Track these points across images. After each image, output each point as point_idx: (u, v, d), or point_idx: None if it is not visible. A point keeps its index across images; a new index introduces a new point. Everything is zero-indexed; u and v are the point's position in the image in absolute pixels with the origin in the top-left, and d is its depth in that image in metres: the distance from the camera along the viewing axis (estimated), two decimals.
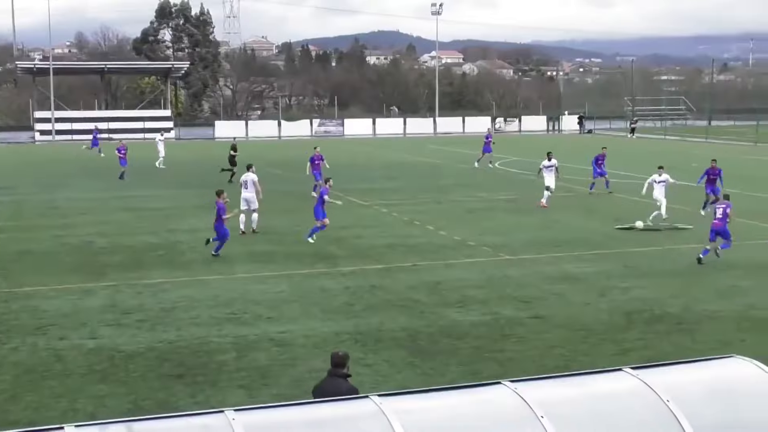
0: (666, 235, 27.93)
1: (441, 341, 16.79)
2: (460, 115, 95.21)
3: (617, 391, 7.80)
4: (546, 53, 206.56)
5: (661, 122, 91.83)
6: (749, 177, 44.27)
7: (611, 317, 18.57)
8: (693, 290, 20.88)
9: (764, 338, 17.08)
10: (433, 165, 52.57)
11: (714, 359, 8.70)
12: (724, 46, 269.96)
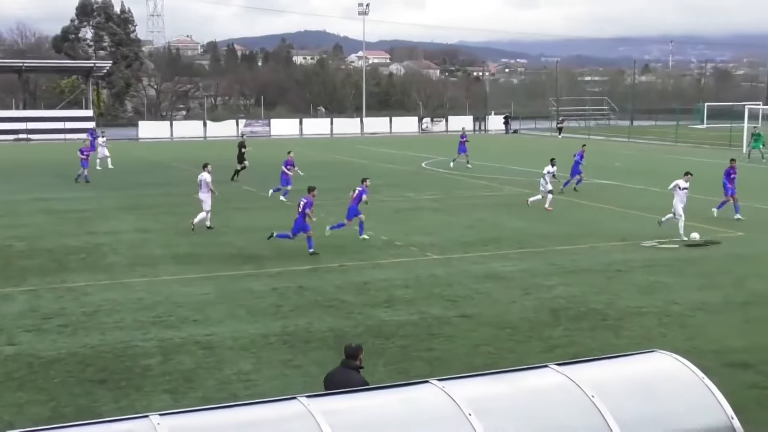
0: (591, 233, 28.32)
1: (368, 341, 16.76)
2: (387, 115, 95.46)
3: (543, 388, 7.87)
4: (472, 54, 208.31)
5: (585, 122, 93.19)
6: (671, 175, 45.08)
7: (537, 315, 18.78)
8: (616, 287, 21.23)
9: (684, 332, 17.46)
10: (360, 165, 52.54)
11: (637, 354, 8.86)
12: (645, 48, 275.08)
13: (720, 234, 28.22)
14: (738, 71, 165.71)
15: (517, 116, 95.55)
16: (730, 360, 15.66)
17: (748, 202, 35.27)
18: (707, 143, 68.73)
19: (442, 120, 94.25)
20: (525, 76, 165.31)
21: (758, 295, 20.44)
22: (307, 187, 26.45)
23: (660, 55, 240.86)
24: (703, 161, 54.10)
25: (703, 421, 7.82)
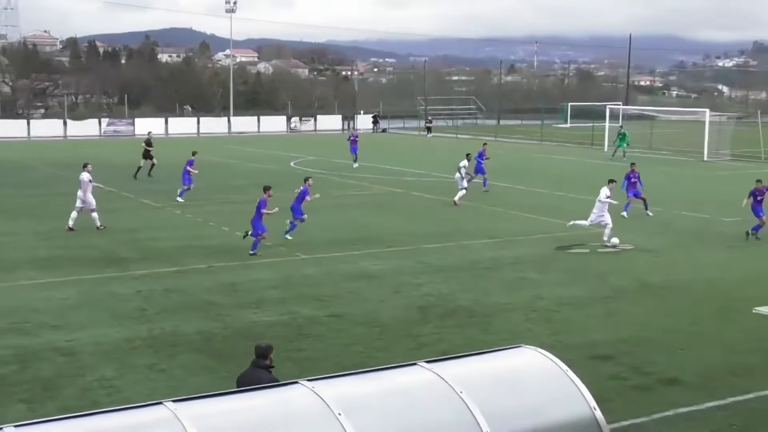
0: (459, 231, 28.73)
1: (238, 343, 16.61)
2: (256, 114, 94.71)
3: (413, 385, 7.94)
4: (341, 53, 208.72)
5: (453, 121, 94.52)
6: (536, 173, 46.24)
7: (406, 313, 18.95)
8: (483, 284, 21.61)
9: (550, 327, 17.91)
10: (227, 165, 51.97)
11: (504, 350, 9.03)
12: (511, 48, 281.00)
13: (585, 231, 28.99)
14: (599, 72, 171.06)
15: (386, 115, 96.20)
16: (593, 353, 16.14)
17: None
18: (571, 142, 70.64)
19: (310, 119, 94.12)
20: (393, 76, 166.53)
21: (619, 290, 21.13)
22: (263, 186, 26.36)
23: (525, 56, 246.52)
24: (568, 159, 55.61)
25: (567, 412, 8.03)
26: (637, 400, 13.85)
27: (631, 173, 34.14)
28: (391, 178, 44.42)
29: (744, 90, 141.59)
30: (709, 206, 34.07)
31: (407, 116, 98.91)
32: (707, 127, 57.86)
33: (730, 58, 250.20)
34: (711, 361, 15.79)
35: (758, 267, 23.89)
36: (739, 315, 18.09)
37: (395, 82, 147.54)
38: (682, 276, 22.68)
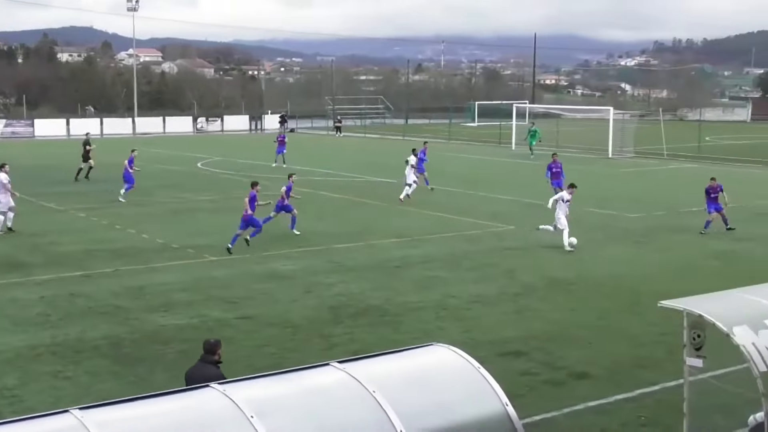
0: (370, 231, 28.78)
1: (146, 347, 16.39)
2: (161, 114, 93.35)
3: (325, 386, 7.93)
4: (247, 52, 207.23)
5: (362, 121, 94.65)
6: (445, 172, 46.56)
7: (318, 313, 18.91)
8: (395, 283, 21.69)
9: (461, 325, 18.08)
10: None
11: (416, 348, 9.07)
12: (418, 47, 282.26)
13: (491, 228, 29.35)
14: (506, 71, 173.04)
15: (294, 115, 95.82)
16: (504, 349, 16.34)
17: (518, 196, 36.96)
18: (479, 140, 71.35)
19: (217, 119, 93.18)
20: (301, 75, 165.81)
21: (528, 286, 21.43)
22: (251, 182, 27.40)
23: (433, 55, 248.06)
24: (477, 158, 56.16)
25: (480, 408, 8.11)
26: (548, 395, 14.07)
27: (553, 164, 34.95)
28: (300, 178, 44.14)
29: (646, 88, 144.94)
30: (615, 203, 34.77)
31: (315, 116, 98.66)
32: (611, 125, 59.07)
33: (632, 58, 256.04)
34: (619, 355, 16.12)
35: (663, 261, 24.47)
36: (645, 309, 18.46)
37: (303, 81, 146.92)
38: (590, 272, 23.12)
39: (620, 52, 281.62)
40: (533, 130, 58.06)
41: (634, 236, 28.14)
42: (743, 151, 59.57)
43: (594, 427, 12.90)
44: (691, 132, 65.14)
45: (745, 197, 34.06)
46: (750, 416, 10.80)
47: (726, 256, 25.21)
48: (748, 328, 10.22)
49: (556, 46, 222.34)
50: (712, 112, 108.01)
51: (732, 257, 25.05)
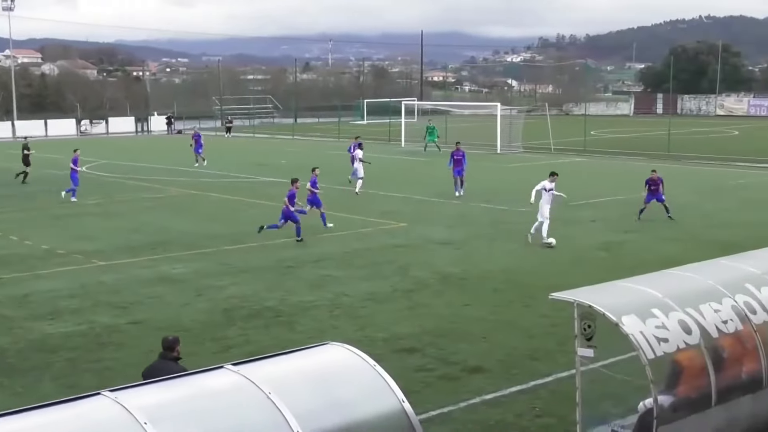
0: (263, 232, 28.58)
1: (32, 357, 15.95)
2: (42, 117, 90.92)
3: (220, 389, 7.87)
4: (131, 53, 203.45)
5: (250, 121, 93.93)
6: (335, 170, 46.57)
7: (211, 316, 18.70)
8: (288, 283, 21.60)
9: (355, 323, 18.11)
10: (10, 170, 49.67)
11: (311, 348, 9.06)
12: (306, 46, 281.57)
13: (383, 226, 29.48)
14: (394, 69, 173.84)
15: (181, 116, 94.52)
16: (399, 346, 16.43)
17: (409, 194, 37.19)
18: (368, 138, 71.51)
19: (102, 122, 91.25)
20: (187, 76, 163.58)
21: (420, 282, 21.59)
22: (291, 179, 28.04)
23: (320, 54, 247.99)
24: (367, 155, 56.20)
25: (377, 406, 8.15)
26: (443, 390, 14.20)
27: (455, 152, 35.86)
28: (189, 180, 43.71)
29: (532, 84, 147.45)
30: (505, 197, 35.27)
31: (203, 117, 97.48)
32: (499, 121, 59.90)
33: (518, 54, 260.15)
34: (512, 348, 16.38)
35: (553, 254, 24.94)
36: (537, 301, 18.80)
37: (189, 82, 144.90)
38: (481, 266, 23.42)
39: (506, 49, 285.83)
40: (431, 127, 58.55)
41: (524, 230, 28.58)
42: (626, 144, 61.18)
43: (489, 420, 13.07)
44: (576, 126, 66.59)
45: (628, 189, 34.93)
46: (640, 403, 11.09)
47: (613, 247, 25.84)
48: (636, 317, 10.50)
49: (443, 43, 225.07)
50: (596, 107, 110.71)
51: (619, 248, 25.68)
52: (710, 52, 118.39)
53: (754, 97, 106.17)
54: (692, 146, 57.77)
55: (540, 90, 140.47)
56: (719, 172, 32.81)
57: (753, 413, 11.15)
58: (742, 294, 11.45)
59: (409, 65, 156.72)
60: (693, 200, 33.61)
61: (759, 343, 11.12)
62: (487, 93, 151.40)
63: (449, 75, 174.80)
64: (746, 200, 34.27)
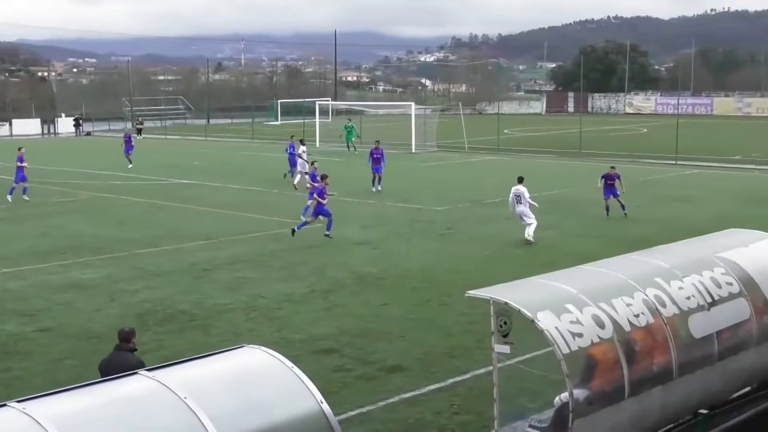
0: (174, 234, 28.25)
1: None
2: None
3: (134, 395, 7.75)
4: (35, 52, 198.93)
5: (162, 122, 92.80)
6: (249, 171, 46.32)
7: (123, 321, 18.33)
8: (203, 286, 21.39)
9: (272, 325, 18.03)
10: None
11: (227, 351, 8.99)
12: (217, 46, 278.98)
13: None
14: (307, 69, 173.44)
15: (90, 118, 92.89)
16: (317, 347, 16.40)
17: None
18: (283, 139, 71.18)
19: (5, 124, 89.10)
20: (95, 76, 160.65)
21: (337, 282, 21.59)
22: (321, 175, 28.46)
23: (232, 54, 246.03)
24: (281, 156, 56.00)
25: (295, 407, 8.12)
26: (362, 390, 14.22)
27: (374, 150, 38.07)
28: (99, 183, 42.95)
29: (446, 83, 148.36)
30: (420, 196, 35.48)
31: (113, 118, 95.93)
32: (413, 120, 60.21)
33: (431, 53, 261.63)
34: (430, 346, 16.47)
35: (469, 252, 25.16)
36: (454, 300, 18.94)
37: (97, 82, 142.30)
38: (398, 266, 23.50)
39: (419, 48, 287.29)
40: (349, 127, 58.58)
41: (440, 229, 28.81)
42: (539, 143, 62.07)
43: (409, 419, 13.13)
44: (490, 125, 67.24)
45: (540, 186, 35.42)
46: (556, 397, 11.25)
47: (528, 245, 26.15)
48: (550, 312, 10.64)
49: (356, 43, 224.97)
50: (509, 106, 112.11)
51: (533, 245, 26.01)
52: (619, 51, 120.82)
53: (661, 95, 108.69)
54: (603, 144, 58.85)
55: (453, 89, 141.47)
56: (629, 169, 33.54)
57: (664, 404, 11.39)
58: (653, 288, 11.69)
59: (323, 65, 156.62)
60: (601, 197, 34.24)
61: (669, 335, 11.36)
62: (401, 93, 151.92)
63: (363, 75, 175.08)
64: (656, 196, 35.06)
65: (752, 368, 12.78)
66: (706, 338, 11.87)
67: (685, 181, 41.03)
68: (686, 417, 12.05)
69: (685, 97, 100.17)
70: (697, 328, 11.77)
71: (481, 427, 12.59)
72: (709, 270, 12.54)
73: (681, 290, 11.89)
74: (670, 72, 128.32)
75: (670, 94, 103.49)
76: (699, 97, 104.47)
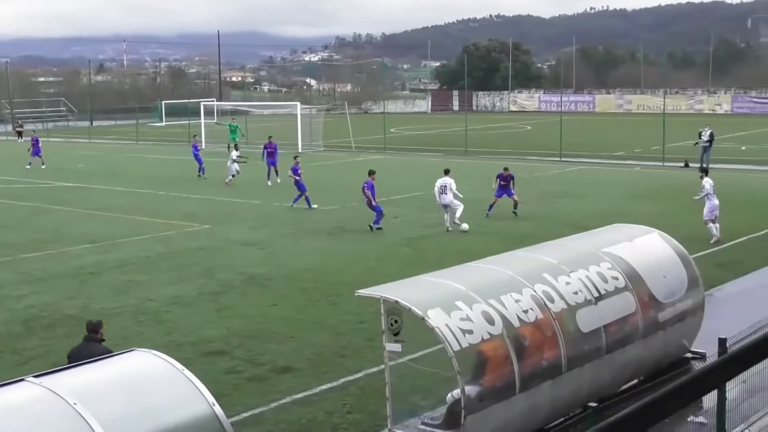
0: (59, 238, 27.57)
1: None
2: None
3: (22, 402, 7.58)
4: None
5: (43, 124, 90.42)
6: (134, 174, 45.46)
7: (8, 327, 17.90)
8: (90, 290, 20.94)
9: (162, 328, 17.78)
10: None
11: (117, 355, 8.85)
12: (99, 47, 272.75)
13: (186, 228, 28.99)
14: (191, 69, 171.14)
15: None
16: (207, 349, 16.23)
17: (211, 195, 36.76)
18: (168, 140, 70.23)
19: None
20: None
21: (226, 284, 21.38)
22: (368, 170, 29.22)
23: (114, 55, 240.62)
24: (166, 158, 55.22)
25: (188, 411, 8.03)
26: (253, 392, 14.12)
27: (267, 144, 40.60)
28: None
29: (331, 83, 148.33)
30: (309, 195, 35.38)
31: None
32: (299, 120, 60.10)
33: (316, 53, 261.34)
34: (321, 346, 16.44)
35: (358, 251, 25.21)
36: (343, 299, 18.97)
37: None
38: (287, 266, 23.40)
39: (303, 48, 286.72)
40: (234, 126, 58.07)
41: (328, 229, 28.79)
42: (425, 141, 62.59)
43: (301, 419, 13.09)
44: (376, 124, 67.48)
45: (428, 185, 35.66)
46: (448, 394, 11.37)
47: (416, 243, 26.35)
48: (441, 310, 10.75)
49: (240, 43, 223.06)
50: (394, 105, 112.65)
51: (422, 244, 26.23)
52: (501, 50, 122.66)
53: (544, 93, 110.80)
54: (488, 142, 59.69)
55: (339, 89, 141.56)
56: (515, 167, 34.03)
57: (554, 398, 11.63)
58: (541, 284, 11.92)
59: (207, 66, 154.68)
60: (489, 195, 34.70)
61: (558, 330, 11.61)
62: (286, 92, 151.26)
63: (248, 75, 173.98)
64: (541, 193, 35.71)
65: (639, 361, 13.15)
66: (593, 332, 12.16)
67: (570, 177, 41.91)
68: (576, 410, 12.32)
69: (568, 95, 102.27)
70: (585, 323, 12.04)
71: (374, 425, 12.64)
72: (595, 265, 12.85)
73: (568, 285, 12.16)
74: (553, 69, 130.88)
75: (553, 92, 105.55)
76: (581, 94, 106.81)
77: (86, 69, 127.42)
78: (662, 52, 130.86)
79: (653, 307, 13.30)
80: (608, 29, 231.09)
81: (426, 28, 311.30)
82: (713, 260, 22.66)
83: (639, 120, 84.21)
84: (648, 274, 13.43)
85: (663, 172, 43.27)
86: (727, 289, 20.14)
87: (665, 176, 41.28)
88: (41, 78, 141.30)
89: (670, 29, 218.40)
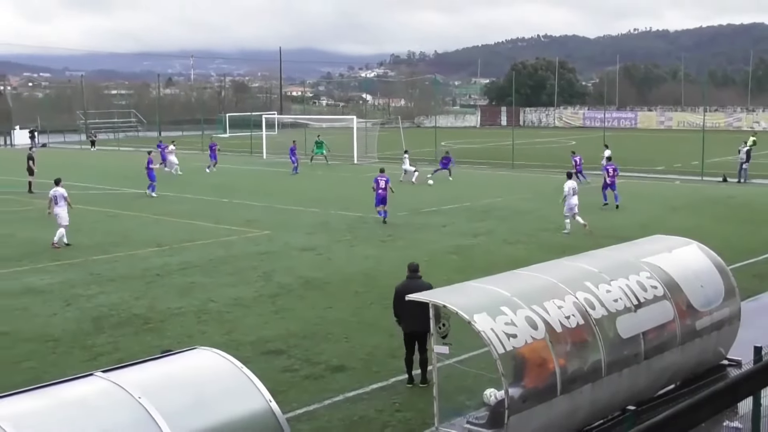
0: (127, 241, 27.92)
1: None
2: None
3: (90, 395, 7.68)
4: None
5: (115, 134, 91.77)
6: (198, 182, 45.85)
7: (79, 325, 18.13)
8: (155, 291, 21.15)
9: (222, 327, 17.87)
10: None
11: (180, 352, 8.91)
12: (167, 62, 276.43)
13: (247, 234, 29.21)
14: (254, 84, 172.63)
15: (45, 130, 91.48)
16: (265, 348, 16.31)
17: (271, 203, 36.99)
18: (231, 150, 70.85)
19: None
20: (50, 90, 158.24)
21: (284, 287, 21.48)
22: (380, 168, 32.09)
23: (182, 69, 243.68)
24: (229, 167, 55.68)
25: (245, 407, 8.08)
26: (309, 389, 14.16)
27: None
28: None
29: (385, 98, 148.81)
30: (362, 205, 35.41)
31: (68, 131, 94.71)
32: (355, 133, 60.37)
33: (371, 70, 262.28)
34: (373, 347, 16.45)
35: (408, 257, 25.08)
36: None
37: (53, 96, 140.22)
38: (342, 270, 23.45)
39: (360, 65, 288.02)
40: (320, 142, 58.97)
41: (380, 236, 28.82)
42: (474, 154, 62.41)
43: (353, 416, 13.10)
44: (428, 138, 67.48)
45: (476, 196, 35.70)
46: (485, 392, 11.29)
47: (463, 250, 26.26)
48: (486, 315, 10.70)
49: (300, 60, 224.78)
50: (445, 119, 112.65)
51: (469, 251, 26.13)
52: (548, 68, 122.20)
53: (588, 109, 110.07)
54: (534, 155, 59.38)
55: (393, 104, 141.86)
56: (559, 179, 33.83)
57: (593, 401, 11.52)
58: (582, 291, 11.82)
59: (268, 80, 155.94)
60: (533, 206, 34.54)
61: (598, 336, 11.50)
62: (343, 107, 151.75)
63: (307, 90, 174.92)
64: (583, 205, 35.35)
65: (676, 367, 12.99)
66: (632, 338, 12.03)
67: None
68: (615, 413, 12.19)
69: (611, 111, 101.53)
70: (625, 329, 11.92)
71: (421, 423, 12.60)
72: (635, 274, 12.72)
73: (609, 293, 12.05)
74: (596, 87, 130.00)
75: (597, 109, 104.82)
76: (624, 111, 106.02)
77: (155, 82, 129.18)
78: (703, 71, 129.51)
79: (691, 315, 13.13)
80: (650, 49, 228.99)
81: (476, 47, 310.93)
82: (750, 271, 22.31)
83: (679, 136, 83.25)
84: (686, 284, 13.26)
85: (702, 185, 42.73)
86: (763, 299, 19.80)
87: (704, 190, 40.75)
88: (113, 91, 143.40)
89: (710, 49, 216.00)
